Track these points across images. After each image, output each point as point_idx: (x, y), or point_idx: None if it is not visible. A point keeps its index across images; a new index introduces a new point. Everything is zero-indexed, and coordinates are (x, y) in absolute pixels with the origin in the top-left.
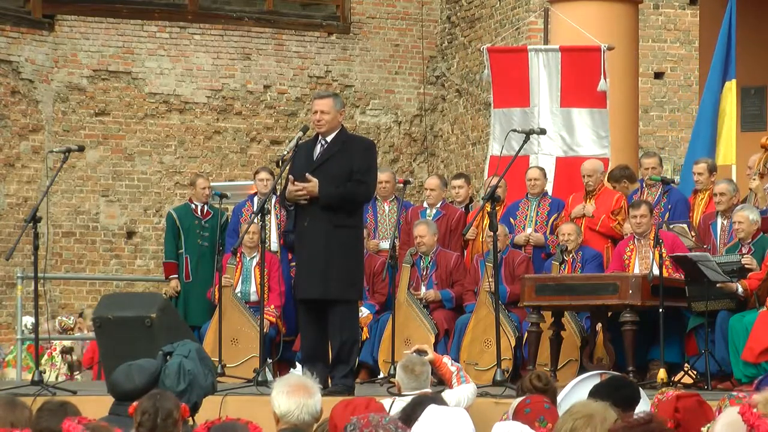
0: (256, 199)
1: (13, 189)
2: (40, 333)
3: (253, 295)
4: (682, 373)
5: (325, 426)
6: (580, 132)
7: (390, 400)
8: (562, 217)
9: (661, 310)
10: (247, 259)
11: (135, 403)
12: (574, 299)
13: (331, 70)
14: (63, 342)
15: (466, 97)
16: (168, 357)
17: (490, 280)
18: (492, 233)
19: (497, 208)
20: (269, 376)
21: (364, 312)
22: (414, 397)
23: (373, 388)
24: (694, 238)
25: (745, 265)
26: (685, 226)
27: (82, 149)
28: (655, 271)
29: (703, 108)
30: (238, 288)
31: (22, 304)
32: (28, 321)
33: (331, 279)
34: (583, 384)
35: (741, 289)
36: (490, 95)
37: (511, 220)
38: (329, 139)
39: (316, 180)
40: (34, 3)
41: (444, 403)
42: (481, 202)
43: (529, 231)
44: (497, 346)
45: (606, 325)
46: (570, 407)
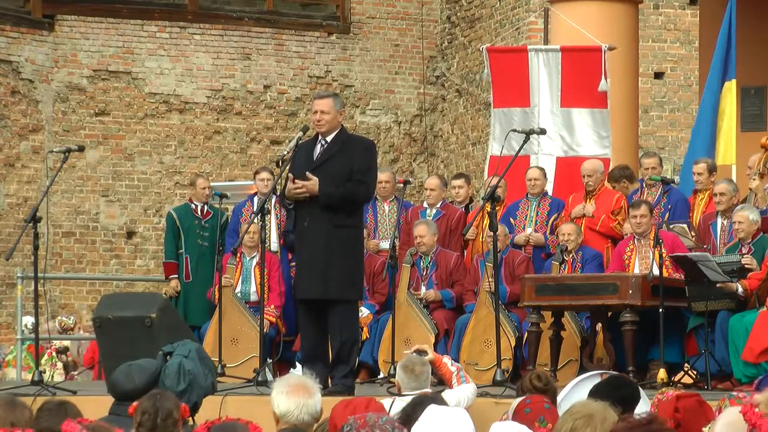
0: (256, 199)
1: (13, 189)
2: (40, 333)
3: (253, 295)
4: (682, 373)
5: (325, 426)
6: (580, 132)
7: (390, 400)
8: (562, 217)
9: (661, 310)
10: (247, 259)
11: (135, 403)
12: (574, 299)
13: (331, 70)
14: (62, 342)
15: (466, 97)
16: (168, 357)
17: (490, 280)
18: (492, 233)
19: (497, 208)
20: (269, 376)
21: (364, 312)
22: (414, 397)
23: (373, 388)
24: (694, 238)
25: (745, 265)
26: (685, 226)
27: (82, 149)
28: (655, 271)
29: (702, 108)
30: (238, 288)
31: (22, 304)
32: (28, 321)
33: (331, 279)
34: (583, 384)
35: (741, 289)
36: (490, 95)
37: (511, 220)
38: (329, 139)
39: (316, 178)
40: (34, 3)
41: (444, 403)
42: (481, 202)
43: (529, 231)
44: (497, 346)
45: (606, 325)
46: (570, 407)
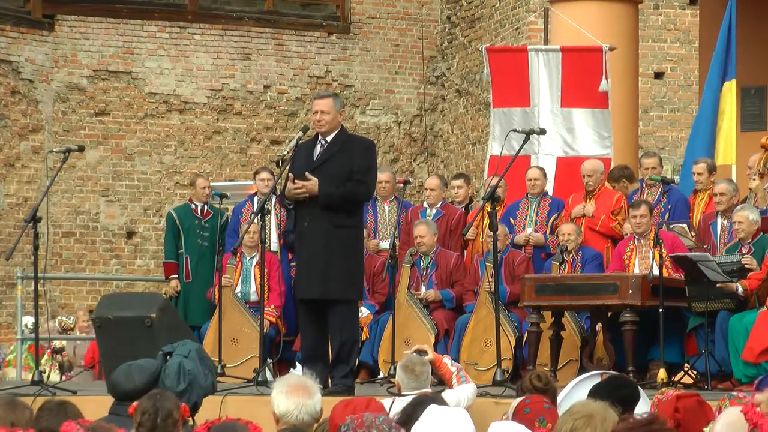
0: (256, 199)
1: (13, 189)
2: (40, 333)
3: (253, 295)
4: (682, 373)
5: (325, 426)
6: (581, 132)
7: (390, 400)
8: (562, 217)
9: (661, 310)
10: (247, 259)
11: (135, 403)
12: (574, 299)
13: (331, 70)
14: (60, 342)
15: (466, 97)
16: (168, 357)
17: (490, 280)
18: (492, 233)
19: (497, 208)
20: (269, 376)
21: (364, 312)
22: (414, 397)
23: (373, 388)
24: (694, 238)
25: (745, 265)
26: (685, 226)
27: (82, 149)
28: (655, 271)
29: (702, 108)
30: (238, 288)
31: (22, 304)
32: (28, 321)
33: (331, 279)
34: (583, 384)
35: (741, 289)
36: (489, 95)
37: (511, 220)
38: (329, 139)
39: (315, 179)
40: (34, 3)
41: (444, 403)
42: (481, 202)
43: (529, 231)
44: (497, 346)
45: (606, 325)
46: (570, 407)
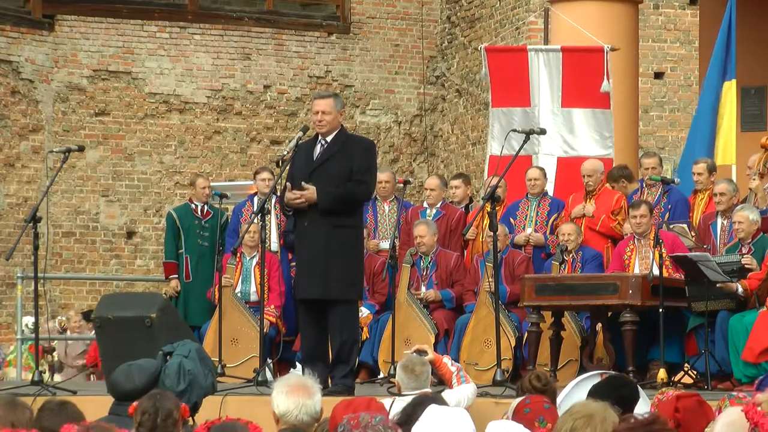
0: (256, 199)
1: (13, 189)
2: (41, 333)
3: (253, 295)
4: (682, 373)
5: (325, 426)
6: (581, 132)
7: (390, 400)
8: (562, 217)
9: (661, 310)
10: (247, 259)
11: (135, 403)
12: (574, 299)
13: (331, 70)
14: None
15: (466, 97)
16: (168, 357)
17: (490, 280)
18: (492, 233)
19: (497, 208)
20: (269, 376)
21: (364, 312)
22: (414, 397)
23: (373, 388)
24: (694, 238)
25: (745, 265)
26: (685, 226)
27: (82, 149)
28: (655, 271)
29: (701, 107)
30: (238, 288)
31: (22, 304)
32: (29, 321)
33: (331, 279)
34: (583, 384)
35: (741, 289)
36: (489, 95)
37: (511, 220)
38: (329, 139)
39: (313, 187)
40: (34, 3)
41: (444, 403)
42: (481, 202)
43: (529, 231)
44: (497, 346)
45: (606, 325)
46: (570, 407)
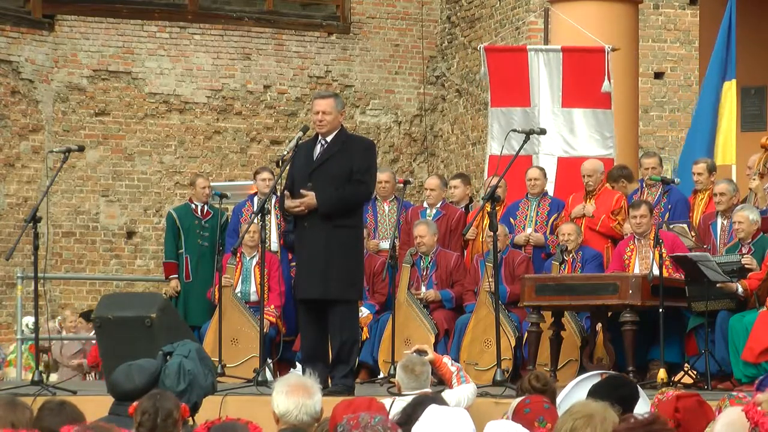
0: (256, 199)
1: (13, 189)
2: (41, 333)
3: (253, 295)
4: (682, 373)
5: (326, 426)
6: (582, 132)
7: (390, 400)
8: (562, 217)
9: (661, 310)
10: (247, 259)
11: (135, 403)
12: (574, 299)
13: (331, 70)
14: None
15: (466, 97)
16: (168, 357)
17: (490, 280)
18: (492, 233)
19: (497, 208)
20: (269, 376)
21: (364, 312)
22: (414, 397)
23: (373, 388)
24: (694, 238)
25: (745, 265)
26: (685, 226)
27: (82, 149)
28: (655, 271)
29: (700, 107)
30: (238, 288)
31: (22, 304)
32: (29, 321)
33: (331, 279)
34: (583, 384)
35: (741, 289)
36: (488, 94)
37: (511, 220)
38: (329, 139)
39: (311, 193)
40: (34, 3)
41: (444, 403)
42: (481, 202)
43: (529, 231)
44: (497, 346)
45: (606, 325)
46: (570, 407)
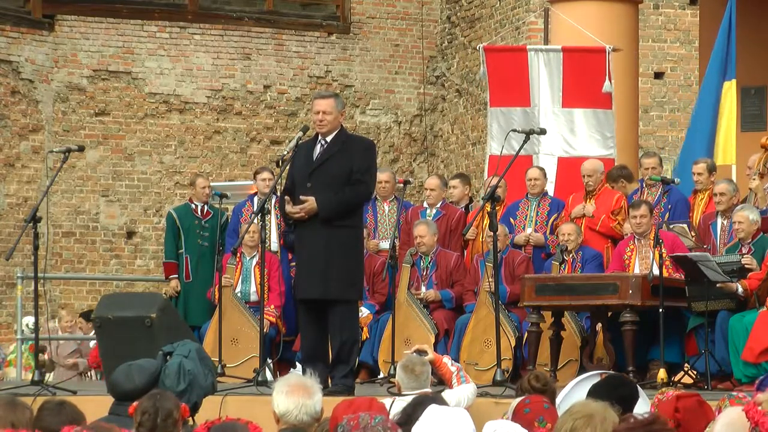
0: (256, 199)
1: (13, 189)
2: (41, 333)
3: (253, 295)
4: (682, 373)
5: (326, 426)
6: (582, 132)
7: (390, 400)
8: (562, 217)
9: (661, 310)
10: (247, 259)
11: (135, 403)
12: (574, 299)
13: (331, 70)
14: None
15: (466, 97)
16: (168, 357)
17: (490, 280)
18: (492, 233)
19: (497, 208)
20: (269, 376)
21: (364, 312)
22: (414, 397)
23: (373, 388)
24: (694, 238)
25: (745, 265)
26: (685, 226)
27: (82, 149)
28: (655, 271)
29: (700, 107)
30: (238, 288)
31: (22, 304)
32: (29, 321)
33: (331, 279)
34: (583, 384)
35: (741, 289)
36: (488, 94)
37: (511, 220)
38: (329, 139)
39: (311, 198)
40: (34, 3)
41: (444, 403)
42: (481, 202)
43: (529, 231)
44: (497, 346)
45: (606, 325)
46: (570, 407)
